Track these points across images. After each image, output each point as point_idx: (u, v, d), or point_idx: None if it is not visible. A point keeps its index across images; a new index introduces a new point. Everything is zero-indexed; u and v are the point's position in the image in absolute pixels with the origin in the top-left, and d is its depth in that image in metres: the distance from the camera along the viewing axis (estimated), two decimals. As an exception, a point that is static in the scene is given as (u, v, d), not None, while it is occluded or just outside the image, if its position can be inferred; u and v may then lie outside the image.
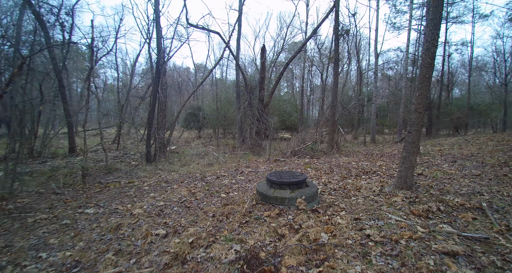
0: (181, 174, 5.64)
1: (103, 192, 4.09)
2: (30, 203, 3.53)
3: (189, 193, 3.76)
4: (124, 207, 3.22)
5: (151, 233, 2.36)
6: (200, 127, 20.19)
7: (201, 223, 2.56)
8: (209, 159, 8.11)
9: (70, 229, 2.64)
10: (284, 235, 2.14)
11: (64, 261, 1.98)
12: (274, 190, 2.90)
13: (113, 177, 5.46)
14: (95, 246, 2.20)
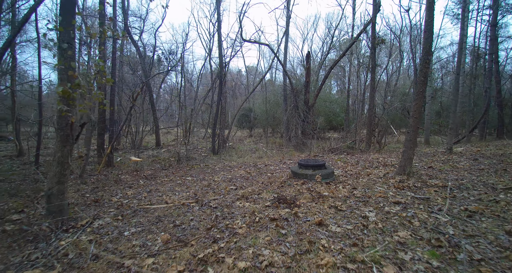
0: (238, 162, 7.60)
1: (191, 170, 6.30)
2: (152, 174, 5.92)
3: (246, 173, 5.60)
4: (208, 177, 5.25)
5: (228, 187, 4.23)
6: (251, 126, 22.48)
7: (255, 186, 4.31)
8: (259, 153, 9.97)
9: (183, 185, 4.74)
10: (302, 192, 3.71)
11: (187, 195, 3.98)
12: (301, 170, 4.47)
13: (193, 162, 7.76)
14: (200, 191, 4.18)
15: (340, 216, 2.78)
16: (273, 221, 2.71)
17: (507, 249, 1.92)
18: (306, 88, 13.29)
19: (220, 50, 10.35)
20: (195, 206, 3.38)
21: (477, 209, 2.70)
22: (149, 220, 2.95)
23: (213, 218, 2.91)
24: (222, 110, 10.51)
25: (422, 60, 4.12)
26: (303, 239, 2.26)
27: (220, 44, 9.96)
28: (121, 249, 2.27)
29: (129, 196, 4.02)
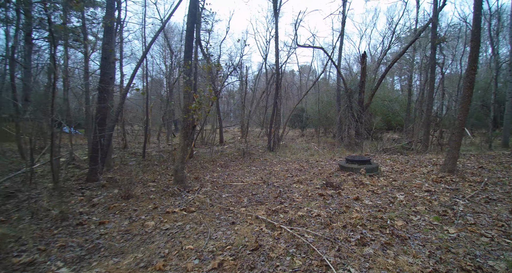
0: (292, 158, 8.77)
1: (254, 163, 7.78)
2: (225, 163, 7.61)
3: (299, 166, 6.74)
4: (268, 168, 6.61)
5: (286, 175, 5.49)
6: (303, 126, 23.24)
7: (307, 175, 5.43)
8: (311, 151, 10.93)
9: (250, 172, 6.19)
10: (347, 181, 4.67)
11: (256, 178, 5.38)
12: (348, 164, 5.39)
13: (253, 157, 9.29)
14: (265, 176, 5.54)
15: (374, 196, 3.71)
16: (321, 196, 3.83)
17: (501, 221, 2.61)
18: (361, 88, 13.50)
19: (277, 58, 11.68)
20: (263, 185, 4.74)
21: (498, 197, 3.26)
22: (235, 190, 4.44)
23: (277, 192, 4.20)
24: (277, 111, 11.83)
25: (468, 67, 4.55)
26: (342, 206, 3.33)
27: (277, 53, 11.27)
28: (224, 203, 3.77)
29: (215, 176, 5.67)
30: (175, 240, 2.66)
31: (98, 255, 2.43)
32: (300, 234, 2.56)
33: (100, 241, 2.66)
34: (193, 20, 4.45)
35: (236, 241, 2.53)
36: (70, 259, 2.35)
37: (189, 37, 4.48)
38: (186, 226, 3.01)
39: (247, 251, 2.32)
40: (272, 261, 2.13)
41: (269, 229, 2.77)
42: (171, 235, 2.80)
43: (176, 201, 3.90)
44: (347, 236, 2.48)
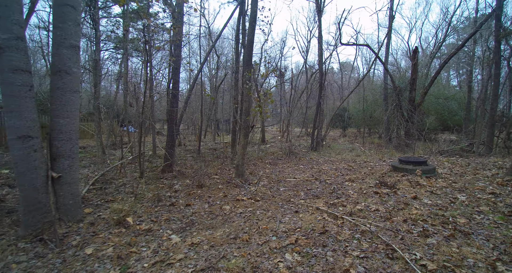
0: (338, 158, 8.88)
1: (300, 161, 8.13)
2: (272, 161, 8.11)
3: (348, 166, 6.89)
4: (316, 167, 6.91)
5: (336, 174, 5.74)
6: (344, 126, 22.63)
7: (358, 174, 5.61)
8: (356, 152, 10.81)
9: (299, 170, 6.57)
10: (401, 181, 4.76)
11: (306, 175, 5.74)
12: (402, 165, 5.42)
13: (297, 156, 9.63)
14: (315, 174, 5.87)
15: (433, 196, 3.80)
16: (376, 193, 4.05)
17: None
18: (411, 85, 12.84)
19: (320, 57, 11.79)
20: (316, 182, 5.10)
21: None
22: (290, 185, 4.89)
23: (331, 188, 4.53)
24: (320, 111, 11.94)
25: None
26: (400, 203, 3.53)
27: (321, 53, 11.39)
28: (284, 195, 4.24)
29: (267, 172, 6.19)
30: (251, 221, 3.21)
31: (195, 228, 3.10)
32: (362, 223, 2.89)
33: (193, 218, 3.36)
34: (253, 31, 5.01)
35: (304, 226, 2.98)
36: (176, 229, 3.07)
37: (250, 46, 5.06)
38: (256, 211, 3.56)
39: (316, 234, 2.75)
40: (341, 243, 2.52)
41: (331, 218, 3.15)
42: (246, 217, 3.36)
43: (242, 191, 4.51)
44: (409, 229, 2.73)
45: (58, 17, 2.82)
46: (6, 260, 2.34)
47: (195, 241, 2.72)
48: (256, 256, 2.38)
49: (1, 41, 2.38)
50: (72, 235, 2.75)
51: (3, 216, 3.78)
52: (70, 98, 2.89)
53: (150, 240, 2.78)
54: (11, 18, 2.43)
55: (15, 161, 2.52)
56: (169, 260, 2.38)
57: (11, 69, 2.44)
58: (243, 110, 5.08)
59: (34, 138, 2.60)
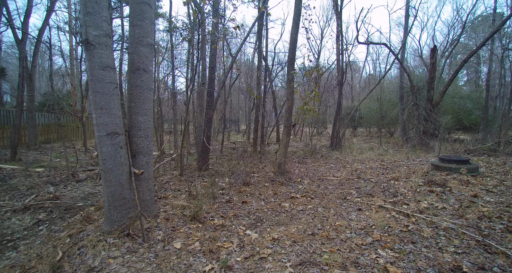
0: (363, 157, 8.89)
1: (328, 160, 8.15)
2: (299, 160, 8.13)
3: (380, 165, 6.90)
4: (348, 166, 6.92)
5: (376, 172, 5.76)
6: (355, 126, 22.62)
7: (397, 173, 5.62)
8: (378, 151, 10.82)
9: (332, 169, 6.60)
10: (449, 180, 4.77)
11: (345, 174, 5.76)
12: (444, 163, 5.43)
13: (321, 155, 9.64)
14: (352, 173, 5.89)
15: (491, 194, 3.82)
16: (431, 192, 4.07)
17: None
18: (429, 84, 12.84)
19: (338, 57, 11.80)
20: (360, 180, 5.12)
21: None
22: (334, 184, 4.92)
23: (381, 187, 4.55)
24: (340, 111, 11.96)
25: None
26: (462, 201, 3.54)
27: (341, 52, 11.40)
28: (336, 193, 4.27)
29: (302, 171, 6.23)
30: (319, 218, 3.24)
31: (265, 224, 3.14)
32: (438, 221, 2.92)
33: (259, 214, 3.40)
34: (297, 30, 5.03)
35: (377, 223, 3.01)
36: (247, 225, 3.11)
37: (293, 46, 5.09)
38: (317, 209, 3.59)
39: (395, 231, 2.78)
40: (428, 239, 2.55)
41: (402, 216, 3.18)
42: (311, 214, 3.40)
43: (291, 189, 4.54)
44: (488, 225, 2.75)
45: (136, 15, 2.86)
46: (101, 256, 2.39)
47: (275, 236, 2.75)
48: (347, 252, 2.41)
49: (92, 37, 2.42)
50: (155, 230, 2.79)
51: (62, 213, 3.85)
52: (147, 96, 2.94)
53: (229, 235, 2.82)
54: (101, 15, 2.47)
55: (103, 157, 2.56)
56: (259, 255, 2.42)
57: (101, 66, 2.48)
58: (286, 109, 5.11)
59: (120, 135, 2.64)
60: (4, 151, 9.02)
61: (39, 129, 9.67)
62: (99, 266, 2.25)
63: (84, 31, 2.39)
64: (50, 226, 3.32)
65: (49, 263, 2.26)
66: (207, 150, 6.06)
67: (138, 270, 2.21)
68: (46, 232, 3.13)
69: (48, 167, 6.33)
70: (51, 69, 8.21)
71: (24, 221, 3.53)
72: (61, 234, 2.96)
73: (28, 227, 3.34)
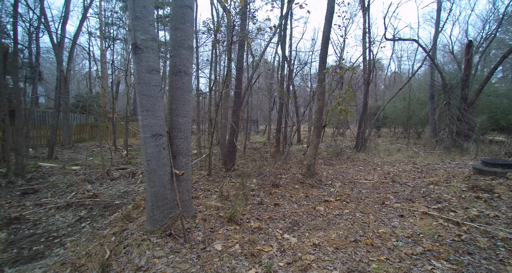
0: (392, 159, 8.52)
1: (355, 162, 7.90)
2: (326, 161, 7.95)
3: (413, 167, 6.58)
4: (378, 168, 6.66)
5: (411, 176, 5.49)
6: (379, 126, 21.85)
7: (435, 177, 5.31)
8: (407, 153, 10.34)
9: (362, 171, 6.38)
10: (495, 185, 4.43)
11: (376, 177, 5.54)
12: (488, 167, 5.06)
13: (346, 156, 9.37)
14: (385, 176, 5.65)
15: (550, 203, 3.49)
16: (477, 198, 3.80)
17: None
18: (464, 82, 12.13)
19: (364, 54, 11.44)
20: (395, 184, 4.90)
21: None
22: (368, 187, 4.75)
23: (420, 192, 4.32)
24: (366, 110, 11.58)
25: None
26: (517, 209, 3.27)
27: (369, 49, 11.03)
28: (372, 197, 4.12)
29: (330, 173, 6.08)
30: (359, 224, 3.13)
31: (301, 228, 3.08)
32: (493, 230, 2.71)
33: (294, 218, 3.35)
34: (329, 28, 4.91)
35: (424, 231, 2.85)
36: (283, 228, 3.07)
37: (325, 44, 4.97)
38: (355, 214, 3.48)
39: (447, 240, 2.61)
40: (486, 250, 2.37)
41: (451, 224, 2.99)
42: (349, 220, 3.29)
43: (323, 192, 4.45)
44: (555, 238, 2.51)
45: (178, 19, 2.92)
46: (146, 255, 2.45)
47: (315, 242, 2.69)
48: (397, 261, 2.29)
49: (140, 41, 2.49)
50: (194, 231, 2.83)
51: (102, 210, 4.03)
52: (187, 97, 2.99)
53: (267, 239, 2.79)
54: (148, 19, 2.54)
55: (147, 158, 2.64)
56: (302, 261, 2.37)
57: (148, 70, 2.55)
58: (317, 109, 5.00)
59: (164, 136, 2.71)
60: (42, 150, 9.67)
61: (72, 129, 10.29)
62: (145, 265, 2.31)
63: (132, 35, 2.47)
64: (92, 223, 3.48)
65: (98, 261, 2.36)
66: (234, 151, 6.10)
67: (183, 271, 2.24)
68: (89, 229, 3.28)
69: (83, 166, 6.69)
70: (89, 72, 8.66)
71: (67, 217, 3.74)
72: (104, 231, 3.09)
73: (71, 224, 3.53)
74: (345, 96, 4.65)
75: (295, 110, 15.39)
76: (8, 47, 7.30)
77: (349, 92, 4.65)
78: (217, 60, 9.80)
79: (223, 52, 10.46)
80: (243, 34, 5.18)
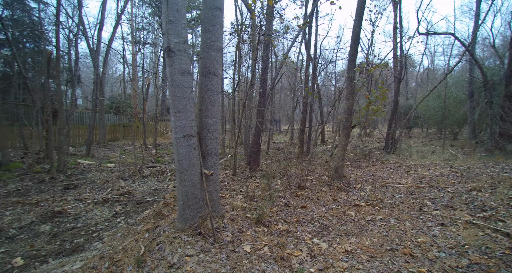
0: (427, 162, 7.96)
1: (385, 165, 7.51)
2: (353, 163, 7.65)
3: (452, 171, 6.08)
4: (412, 172, 6.26)
5: (449, 181, 5.08)
6: (410, 126, 20.63)
7: (477, 183, 4.86)
8: (443, 155, 9.61)
9: (393, 174, 6.03)
10: (554, 193, 3.94)
11: (410, 181, 5.20)
12: (542, 173, 4.52)
13: (375, 158, 8.94)
14: (420, 180, 5.29)
15: None
16: (532, 208, 3.39)
17: None
18: (508, 78, 11.05)
19: (395, 51, 10.82)
20: (432, 189, 4.56)
21: None
22: (402, 192, 4.47)
23: (462, 198, 3.98)
24: (397, 109, 10.96)
25: None
26: None
27: (395, 46, 10.42)
28: (407, 203, 3.86)
29: (359, 176, 5.82)
30: (394, 232, 2.95)
31: (331, 233, 2.97)
32: (555, 246, 2.40)
33: (323, 222, 3.24)
34: (360, 24, 4.69)
35: (469, 242, 2.60)
36: (312, 232, 2.98)
37: (355, 41, 4.76)
38: (390, 220, 3.29)
39: (496, 253, 2.36)
40: (548, 268, 2.10)
41: (500, 235, 2.70)
42: (383, 226, 3.11)
43: (352, 196, 4.27)
44: None
45: (208, 21, 2.95)
46: (178, 253, 2.51)
47: (347, 248, 2.57)
48: (441, 274, 2.12)
49: (173, 45, 2.56)
50: (223, 231, 2.85)
51: (135, 207, 4.22)
52: (216, 98, 3.02)
53: (296, 242, 2.73)
54: (181, 22, 2.59)
55: (179, 158, 2.71)
56: (334, 268, 2.28)
57: (180, 72, 2.61)
58: (346, 109, 4.81)
59: (194, 137, 2.76)
60: (80, 148, 10.44)
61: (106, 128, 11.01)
62: (177, 263, 2.36)
63: (166, 39, 2.54)
64: (127, 219, 3.66)
65: (133, 257, 2.46)
66: (258, 151, 6.08)
67: (213, 271, 2.26)
68: (124, 224, 3.46)
69: (117, 163, 7.09)
70: (123, 75, 9.20)
71: (103, 212, 3.97)
72: (138, 227, 3.23)
73: (108, 218, 3.74)
74: (378, 95, 4.41)
75: (319, 110, 15.04)
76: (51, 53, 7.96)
77: (383, 90, 4.40)
78: (240, 61, 9.88)
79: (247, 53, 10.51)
80: (269, 34, 5.14)
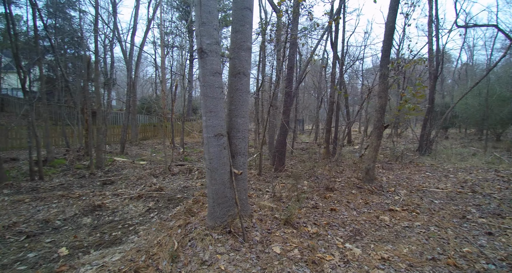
0: (467, 165, 7.31)
1: (420, 167, 7.03)
2: (384, 165, 7.26)
3: (497, 176, 5.51)
4: (451, 175, 5.78)
5: (495, 186, 4.61)
6: (446, 126, 19.17)
7: (533, 189, 4.35)
8: (485, 158, 8.77)
9: (430, 178, 5.61)
10: None
11: (450, 186, 4.81)
12: None
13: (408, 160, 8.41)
14: (461, 185, 4.86)
15: None
16: None
17: None
18: None
19: (431, 45, 10.09)
20: (475, 195, 4.17)
21: None
22: (441, 197, 4.15)
23: (511, 206, 3.58)
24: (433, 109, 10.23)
25: None
26: None
27: (431, 41, 9.70)
28: (447, 210, 3.57)
29: (391, 179, 5.51)
30: (435, 240, 2.74)
31: (365, 238, 2.84)
32: None
33: (355, 226, 3.11)
34: (394, 17, 4.43)
35: (526, 255, 2.33)
36: (344, 236, 2.87)
37: (389, 36, 4.50)
38: (429, 227, 3.06)
39: (562, 271, 2.08)
40: None
41: None
42: (423, 234, 2.90)
43: (385, 200, 4.05)
44: None
45: (238, 21, 2.97)
46: (209, 250, 2.55)
47: (384, 256, 2.43)
48: (493, 290, 1.92)
49: (205, 46, 2.61)
50: (252, 231, 2.86)
51: (166, 203, 4.39)
52: (245, 98, 3.03)
53: (327, 246, 2.64)
54: (213, 24, 2.64)
55: (210, 157, 2.76)
56: (370, 275, 2.16)
57: (212, 72, 2.65)
58: (378, 108, 4.58)
59: (224, 136, 2.79)
60: (115, 146, 11.15)
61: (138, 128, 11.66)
62: (209, 260, 2.40)
63: (199, 41, 2.60)
64: (159, 215, 3.82)
65: (168, 251, 2.54)
66: (284, 151, 6.02)
67: (244, 270, 2.26)
68: (157, 220, 3.60)
69: (148, 161, 7.46)
70: (155, 78, 9.65)
71: (138, 207, 4.17)
72: (170, 223, 3.35)
73: (142, 213, 3.93)
74: (414, 92, 4.12)
75: (346, 109, 14.52)
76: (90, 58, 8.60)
77: (421, 87, 4.10)
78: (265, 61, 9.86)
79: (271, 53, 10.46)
80: (296, 32, 5.05)
